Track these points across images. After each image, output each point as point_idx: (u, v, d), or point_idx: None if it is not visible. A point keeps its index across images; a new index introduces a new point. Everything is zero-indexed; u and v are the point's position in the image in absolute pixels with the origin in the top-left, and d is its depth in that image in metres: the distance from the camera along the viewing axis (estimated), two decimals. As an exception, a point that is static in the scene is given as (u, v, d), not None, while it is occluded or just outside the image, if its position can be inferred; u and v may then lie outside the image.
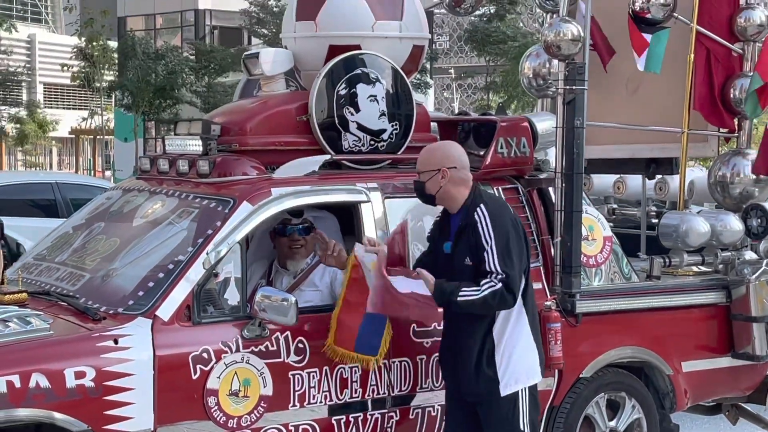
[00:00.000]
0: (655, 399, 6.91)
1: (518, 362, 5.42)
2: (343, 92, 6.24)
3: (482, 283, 5.26)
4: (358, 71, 6.27)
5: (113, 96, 42.30)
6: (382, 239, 5.88)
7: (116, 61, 40.29)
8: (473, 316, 5.39)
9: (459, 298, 5.29)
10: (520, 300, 5.43)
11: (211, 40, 52.50)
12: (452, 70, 58.23)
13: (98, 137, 58.83)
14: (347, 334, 5.66)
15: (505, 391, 5.39)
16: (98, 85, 39.70)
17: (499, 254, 5.28)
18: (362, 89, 6.28)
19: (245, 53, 7.05)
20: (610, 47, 7.28)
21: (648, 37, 7.12)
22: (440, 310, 5.55)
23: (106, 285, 5.75)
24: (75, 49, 38.67)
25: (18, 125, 51.91)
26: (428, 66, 40.90)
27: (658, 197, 8.02)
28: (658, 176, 7.90)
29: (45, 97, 68.78)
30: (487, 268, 5.27)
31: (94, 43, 35.07)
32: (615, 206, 8.49)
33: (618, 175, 8.26)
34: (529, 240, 5.75)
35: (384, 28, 6.55)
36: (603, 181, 8.37)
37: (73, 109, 65.63)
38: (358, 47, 6.38)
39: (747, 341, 7.06)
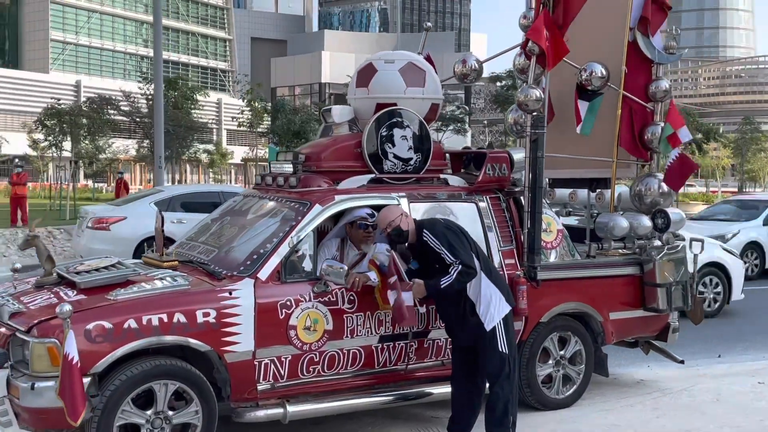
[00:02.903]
0: (591, 337, 6.68)
1: (490, 306, 5.33)
2: (384, 133, 6.10)
3: (451, 270, 5.22)
4: (395, 120, 6.12)
5: (268, 137, 42.53)
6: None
7: (269, 115, 40.44)
8: (452, 291, 5.29)
9: (442, 285, 5.25)
10: (477, 266, 5.33)
11: (329, 101, 52.73)
12: (486, 121, 57.86)
13: (258, 163, 59.33)
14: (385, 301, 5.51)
15: (488, 326, 5.31)
16: (258, 130, 39.90)
17: (448, 251, 5.26)
18: (397, 132, 6.14)
19: (323, 108, 6.96)
20: (553, 111, 7.06)
21: (586, 104, 6.89)
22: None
23: (227, 256, 5.68)
24: (244, 108, 38.71)
25: (209, 155, 52.48)
26: (467, 119, 40.60)
27: (598, 204, 7.74)
28: (598, 190, 7.64)
29: (227, 138, 69.48)
30: (447, 262, 5.25)
31: (254, 103, 35.10)
32: (570, 209, 8.23)
33: (572, 189, 8.00)
34: (465, 232, 5.56)
35: (412, 93, 6.39)
36: (562, 192, 8.13)
37: (243, 145, 66.30)
38: (395, 104, 6.23)
39: (653, 300, 6.80)
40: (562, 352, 6.54)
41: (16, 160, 29.36)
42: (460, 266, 5.20)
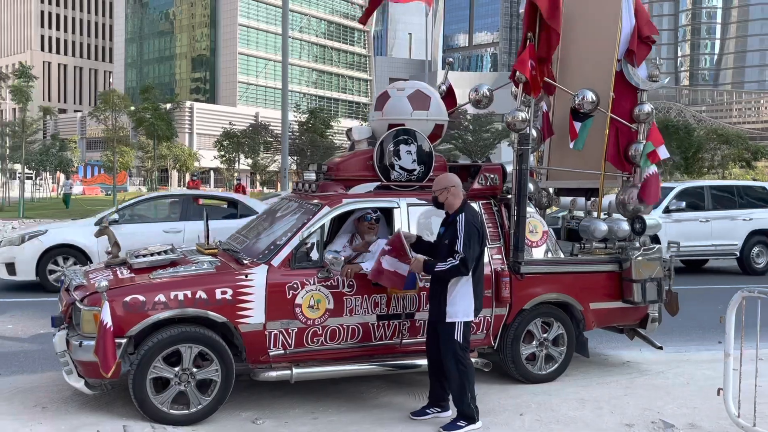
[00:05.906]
0: (573, 323, 6.08)
1: (458, 308, 4.81)
2: (391, 149, 5.74)
3: (448, 260, 4.73)
4: (402, 137, 5.74)
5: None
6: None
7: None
8: (439, 278, 4.83)
9: (436, 269, 4.78)
10: (471, 269, 4.80)
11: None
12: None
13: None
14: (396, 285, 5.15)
15: (448, 319, 4.82)
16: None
17: (464, 242, 4.73)
18: (403, 147, 5.74)
19: (347, 128, 6.67)
20: (551, 130, 6.47)
21: (578, 125, 6.29)
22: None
23: (253, 246, 5.49)
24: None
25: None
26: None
27: (592, 210, 7.05)
28: (592, 198, 6.98)
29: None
30: (456, 249, 4.73)
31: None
32: (573, 214, 7.56)
33: (572, 197, 7.35)
34: (486, 239, 5.02)
35: (418, 115, 5.97)
36: (565, 200, 7.49)
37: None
38: (403, 125, 5.85)
39: (630, 293, 6.12)
40: (545, 335, 5.98)
41: (196, 172, 30.73)
42: (458, 262, 4.70)
